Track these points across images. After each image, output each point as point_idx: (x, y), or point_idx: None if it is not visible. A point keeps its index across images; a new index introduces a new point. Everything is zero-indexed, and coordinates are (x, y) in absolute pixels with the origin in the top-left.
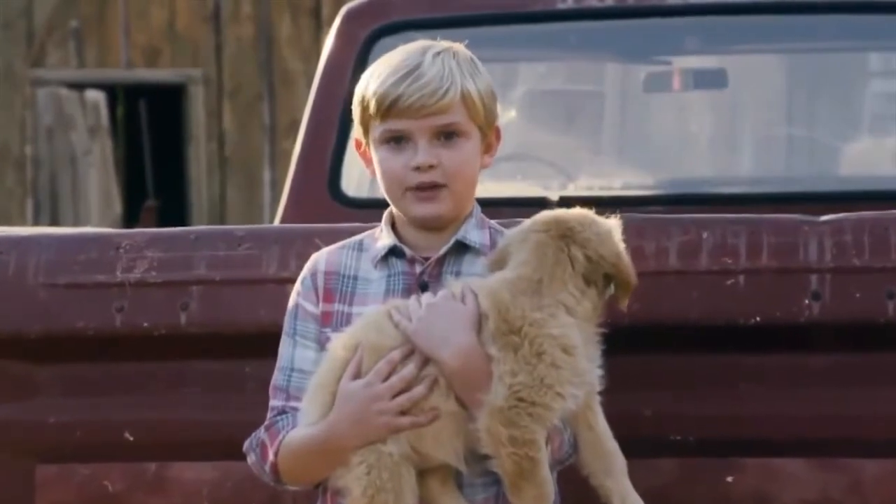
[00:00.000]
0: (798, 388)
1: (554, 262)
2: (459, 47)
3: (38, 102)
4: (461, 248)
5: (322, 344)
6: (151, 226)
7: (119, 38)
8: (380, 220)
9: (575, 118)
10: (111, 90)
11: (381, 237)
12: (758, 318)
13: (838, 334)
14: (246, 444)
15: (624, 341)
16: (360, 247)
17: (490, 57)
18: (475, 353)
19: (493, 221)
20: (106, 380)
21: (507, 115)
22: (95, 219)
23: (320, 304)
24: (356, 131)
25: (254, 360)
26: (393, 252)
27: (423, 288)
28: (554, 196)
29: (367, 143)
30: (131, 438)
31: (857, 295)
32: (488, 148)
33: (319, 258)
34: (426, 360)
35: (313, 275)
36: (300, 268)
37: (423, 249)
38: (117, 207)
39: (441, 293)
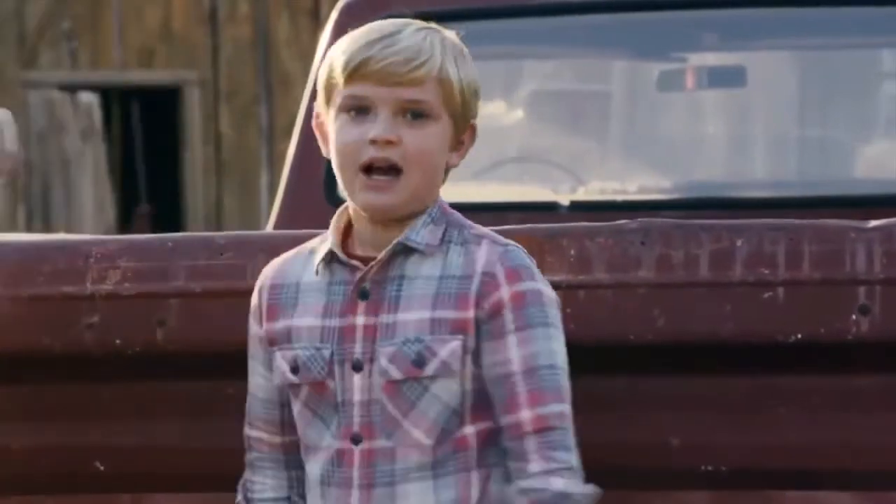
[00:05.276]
0: (844, 412)
1: None
2: (450, 33)
3: (30, 105)
4: (408, 250)
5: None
6: (145, 232)
7: (113, 39)
8: None
9: (585, 118)
10: (105, 92)
11: (328, 238)
12: (799, 336)
13: (889, 353)
14: (240, 483)
15: (649, 360)
16: (312, 250)
17: (494, 53)
18: None
19: (456, 214)
20: (74, 403)
21: (512, 116)
22: (89, 224)
23: (264, 324)
24: (318, 101)
25: (237, 381)
26: (334, 256)
27: (363, 296)
28: (564, 200)
29: (327, 115)
30: (102, 468)
31: None
32: (458, 146)
33: (267, 271)
34: None
35: (260, 290)
36: None
37: (376, 247)
38: (111, 213)
39: None
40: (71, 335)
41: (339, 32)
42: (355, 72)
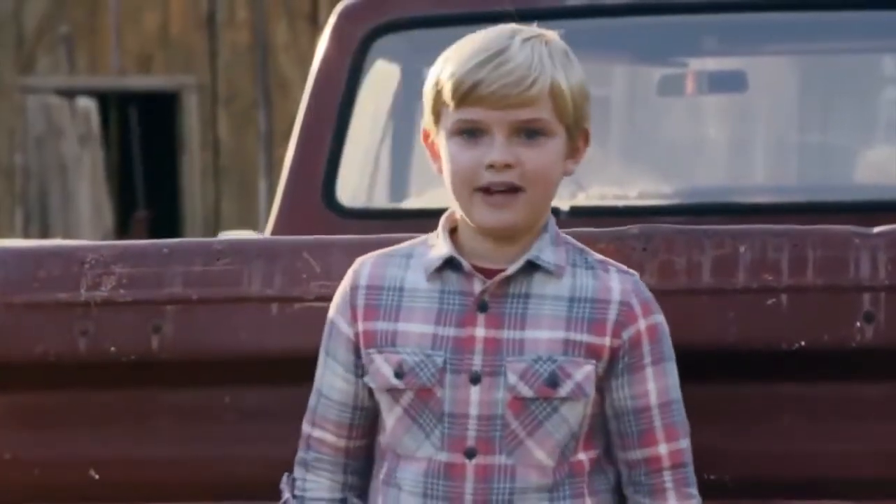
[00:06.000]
0: (848, 420)
1: None
2: (553, 36)
3: (28, 110)
4: (531, 266)
5: (363, 368)
6: (142, 237)
7: (111, 44)
8: (377, 232)
9: None
10: (102, 97)
11: (438, 244)
12: (803, 343)
13: (894, 360)
14: (283, 480)
15: None
16: (409, 254)
17: None
18: None
19: (569, 237)
20: (69, 411)
21: None
22: (86, 229)
23: (360, 323)
24: (426, 119)
25: (235, 389)
26: (449, 263)
27: (483, 309)
28: (564, 206)
29: (437, 134)
30: (97, 477)
31: None
32: (574, 153)
33: (361, 270)
34: None
35: (354, 289)
36: (286, 285)
37: (488, 260)
38: (109, 218)
39: None
40: (65, 342)
41: (337, 38)
42: (466, 96)
